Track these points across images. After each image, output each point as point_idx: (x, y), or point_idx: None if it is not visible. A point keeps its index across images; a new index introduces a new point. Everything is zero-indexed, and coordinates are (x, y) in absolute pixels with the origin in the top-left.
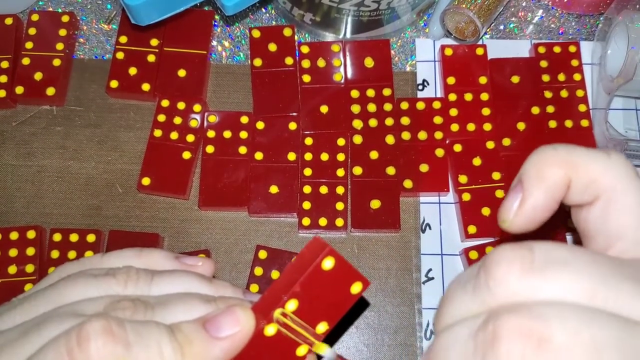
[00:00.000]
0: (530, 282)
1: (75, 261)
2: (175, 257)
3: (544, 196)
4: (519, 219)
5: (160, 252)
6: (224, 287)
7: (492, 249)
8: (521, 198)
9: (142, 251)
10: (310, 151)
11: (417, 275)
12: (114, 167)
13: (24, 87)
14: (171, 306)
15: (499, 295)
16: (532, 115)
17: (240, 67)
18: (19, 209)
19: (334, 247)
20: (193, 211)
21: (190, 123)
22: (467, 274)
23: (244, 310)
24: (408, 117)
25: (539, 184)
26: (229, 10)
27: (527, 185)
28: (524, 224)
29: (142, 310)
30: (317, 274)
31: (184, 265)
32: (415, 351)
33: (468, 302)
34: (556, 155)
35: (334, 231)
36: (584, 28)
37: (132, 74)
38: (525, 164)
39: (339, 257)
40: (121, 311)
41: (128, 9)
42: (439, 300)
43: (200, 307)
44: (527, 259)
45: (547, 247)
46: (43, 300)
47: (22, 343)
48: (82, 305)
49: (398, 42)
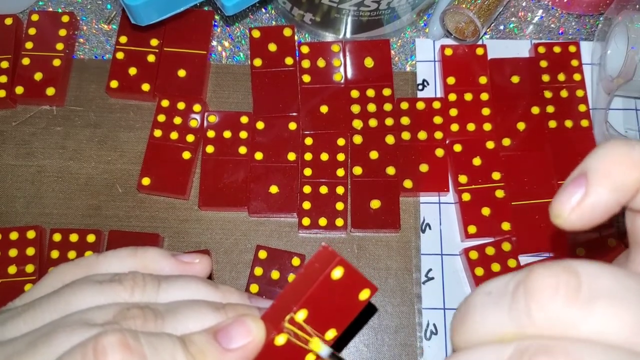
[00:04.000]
0: (574, 313)
1: (71, 262)
2: (172, 255)
3: (609, 197)
4: (576, 217)
5: (155, 250)
6: (231, 293)
7: (533, 267)
8: (583, 193)
9: (138, 250)
10: (310, 151)
11: (417, 275)
12: (114, 167)
13: (23, 87)
14: (181, 315)
15: (538, 321)
16: (532, 115)
17: (240, 67)
18: (19, 209)
19: (334, 247)
20: (193, 211)
21: (190, 123)
22: (498, 287)
23: (255, 320)
24: (408, 117)
25: (606, 182)
26: (229, 11)
27: (593, 181)
28: (580, 222)
29: (152, 319)
30: (327, 283)
31: (181, 262)
32: (415, 351)
33: (501, 321)
34: (631, 155)
35: (334, 231)
36: (584, 28)
37: (132, 74)
38: (592, 156)
39: (348, 265)
40: (132, 320)
41: (128, 9)
42: (460, 305)
43: (210, 316)
44: (573, 286)
45: (593, 271)
46: (49, 308)
47: (31, 355)
48: (91, 313)
49: (398, 42)
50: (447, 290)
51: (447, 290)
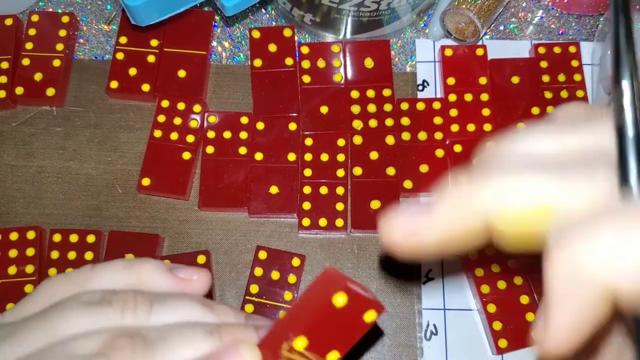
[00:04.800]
0: None
1: (63, 276)
2: (169, 270)
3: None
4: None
5: (152, 264)
6: (226, 314)
7: None
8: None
9: (134, 265)
10: (310, 152)
11: (417, 275)
12: (114, 168)
13: (24, 88)
14: (173, 341)
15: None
16: (532, 115)
17: (240, 68)
18: (19, 209)
19: (334, 248)
20: (193, 212)
21: (190, 123)
22: None
23: (250, 349)
24: (408, 118)
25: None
26: (229, 11)
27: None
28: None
29: (141, 350)
30: (328, 310)
31: (178, 279)
32: (415, 351)
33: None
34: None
35: (334, 232)
36: (584, 29)
37: (132, 74)
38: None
39: (352, 291)
40: (120, 351)
41: (128, 10)
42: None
43: (204, 342)
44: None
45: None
46: (35, 333)
47: None
48: (78, 343)
49: (398, 43)
50: (447, 291)
51: (447, 291)
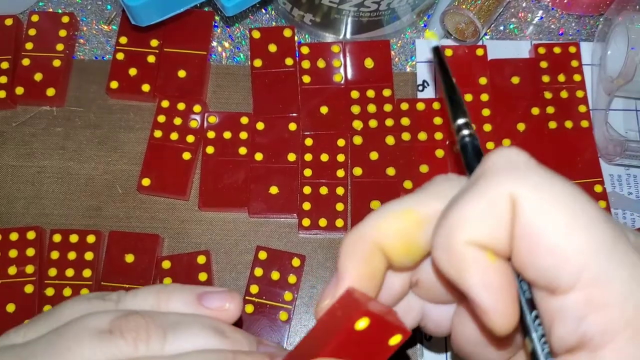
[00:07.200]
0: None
1: (86, 301)
2: (198, 300)
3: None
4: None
5: (181, 295)
6: (240, 342)
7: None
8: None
9: (161, 298)
10: (310, 152)
11: None
12: (114, 168)
13: (24, 88)
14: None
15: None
16: (532, 116)
17: (240, 68)
18: (19, 209)
19: (334, 248)
20: (193, 212)
21: (190, 124)
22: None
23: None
24: (408, 118)
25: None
26: (229, 11)
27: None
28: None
29: None
30: (350, 334)
31: (208, 311)
32: (415, 351)
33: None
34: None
35: (334, 232)
36: (584, 29)
37: (132, 74)
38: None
39: (375, 315)
40: None
41: (128, 10)
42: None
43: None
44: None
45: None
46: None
47: None
48: None
49: (398, 43)
50: None
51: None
